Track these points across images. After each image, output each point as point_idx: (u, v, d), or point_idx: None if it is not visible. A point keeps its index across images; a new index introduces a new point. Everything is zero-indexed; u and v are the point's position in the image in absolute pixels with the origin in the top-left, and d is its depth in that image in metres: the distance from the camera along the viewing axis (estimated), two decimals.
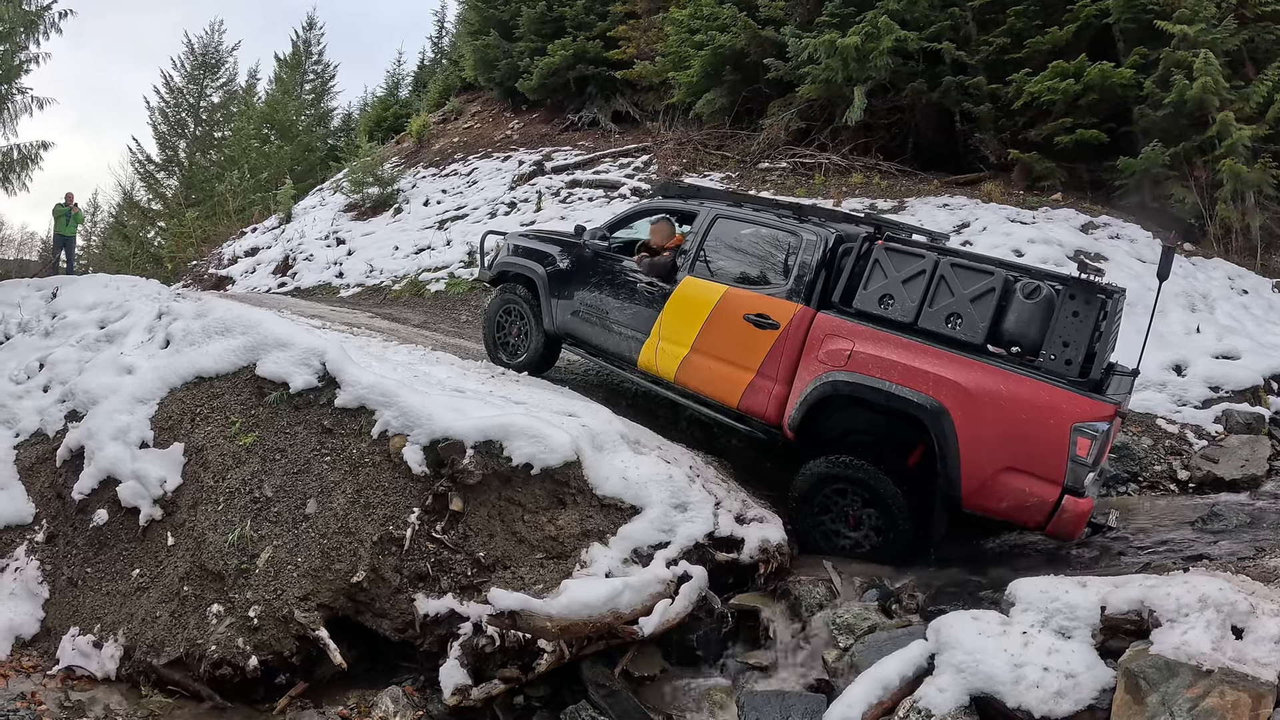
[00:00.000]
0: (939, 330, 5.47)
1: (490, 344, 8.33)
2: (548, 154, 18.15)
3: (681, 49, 16.12)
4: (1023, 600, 4.31)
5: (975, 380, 5.22)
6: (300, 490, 5.60)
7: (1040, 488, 5.06)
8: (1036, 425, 5.05)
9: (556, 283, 7.60)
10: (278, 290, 16.07)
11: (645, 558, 5.18)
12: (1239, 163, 10.59)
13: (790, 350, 5.91)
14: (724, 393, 6.28)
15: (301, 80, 34.55)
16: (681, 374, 6.53)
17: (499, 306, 8.19)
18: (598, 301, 7.23)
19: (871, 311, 5.70)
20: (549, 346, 7.95)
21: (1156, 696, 3.80)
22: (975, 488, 5.23)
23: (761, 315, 6.06)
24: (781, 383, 5.95)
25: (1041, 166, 12.54)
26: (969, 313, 5.41)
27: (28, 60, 14.45)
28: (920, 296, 5.55)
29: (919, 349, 5.44)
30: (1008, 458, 5.14)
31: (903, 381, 5.41)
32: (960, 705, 4.00)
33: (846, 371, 5.62)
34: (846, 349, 5.67)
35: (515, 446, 5.44)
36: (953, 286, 5.49)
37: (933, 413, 5.29)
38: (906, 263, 5.68)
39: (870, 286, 5.75)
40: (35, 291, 9.14)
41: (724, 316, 6.27)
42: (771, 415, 6.02)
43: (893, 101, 13.91)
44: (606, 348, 7.19)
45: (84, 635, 5.58)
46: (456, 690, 4.84)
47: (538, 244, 8.03)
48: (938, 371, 5.32)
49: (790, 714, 4.53)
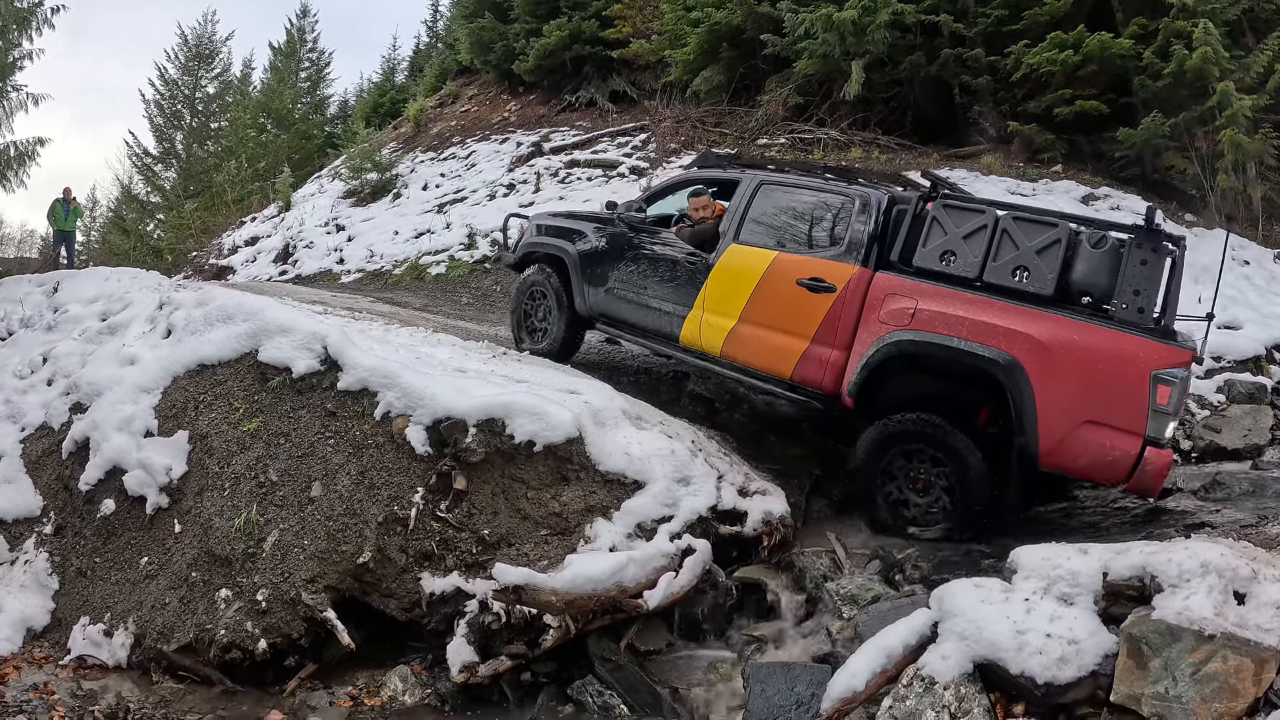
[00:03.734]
0: (1006, 284, 5.32)
1: (516, 329, 8.13)
2: (545, 135, 18.08)
3: (677, 27, 16.02)
4: (1025, 568, 4.33)
5: (1048, 332, 5.08)
6: (305, 473, 5.63)
7: (1121, 440, 4.91)
8: (1115, 375, 4.91)
9: (589, 261, 7.34)
10: (279, 278, 16.07)
11: (649, 532, 5.22)
12: (1239, 133, 10.53)
13: (849, 313, 5.71)
14: (776, 363, 6.06)
15: (297, 68, 34.36)
16: (728, 347, 6.30)
17: (526, 289, 7.98)
18: (634, 277, 6.97)
19: (933, 268, 5.54)
20: (577, 329, 7.75)
21: (1159, 661, 3.82)
22: (1053, 445, 5.05)
23: (816, 279, 5.85)
24: (839, 348, 5.75)
25: (1041, 138, 12.48)
26: (1036, 264, 5.24)
27: (21, 57, 14.35)
28: (983, 251, 5.39)
29: (986, 303, 5.29)
30: (1086, 411, 4.98)
31: (972, 337, 5.24)
32: (964, 672, 4.02)
33: (911, 330, 5.44)
34: (909, 307, 5.49)
35: (518, 424, 5.45)
36: (1016, 240, 5.34)
37: (1006, 367, 5.12)
38: (966, 218, 5.54)
39: (929, 244, 5.58)
40: (37, 287, 9.14)
41: (774, 283, 6.05)
42: (828, 383, 5.82)
43: (891, 75, 13.83)
44: (645, 325, 6.94)
45: (94, 625, 5.62)
46: (464, 668, 4.89)
47: (566, 222, 7.82)
48: (1008, 325, 5.16)
49: (796, 684, 4.56)
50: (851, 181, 6.18)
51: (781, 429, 7.12)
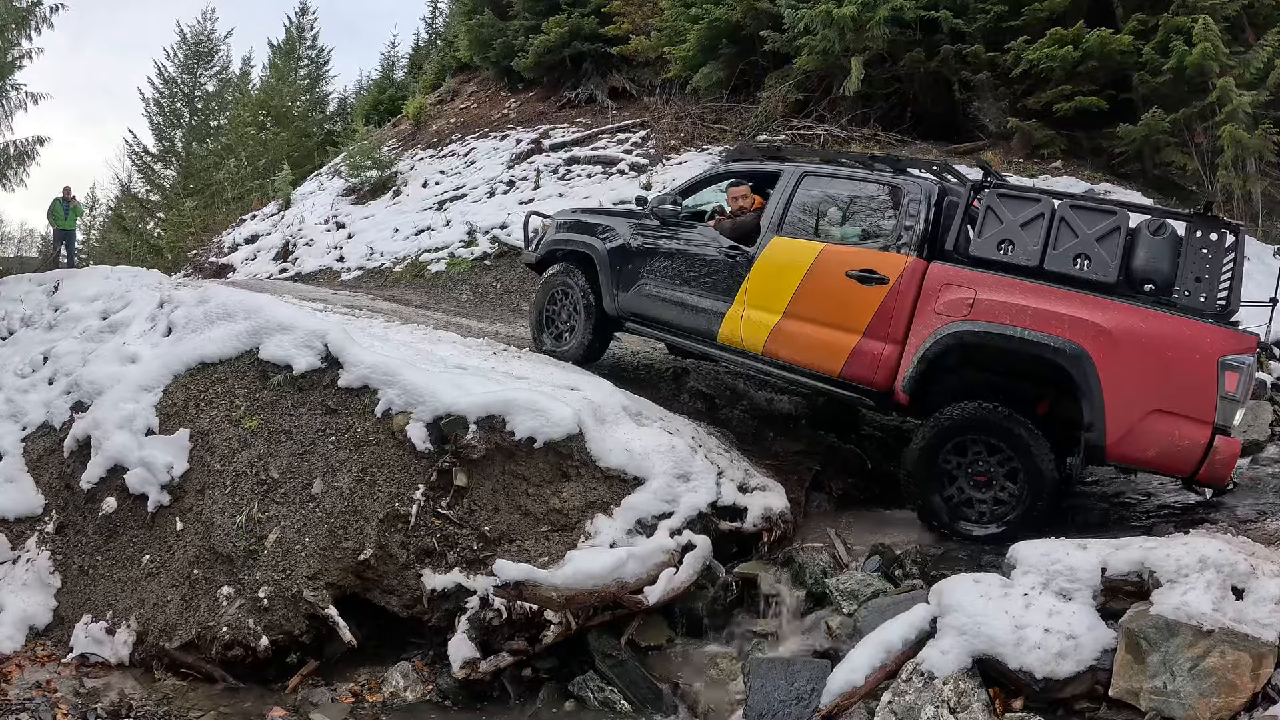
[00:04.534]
0: (1067, 271, 5.20)
1: (537, 332, 7.82)
2: (545, 132, 18.08)
3: (677, 23, 16.01)
4: (1023, 563, 4.34)
5: (1113, 320, 4.96)
6: (306, 471, 5.64)
7: (1190, 429, 4.81)
8: (1182, 362, 4.82)
9: (619, 257, 7.04)
10: (279, 276, 16.09)
11: (649, 528, 5.23)
12: (1239, 129, 10.51)
13: (903, 305, 5.51)
14: (823, 360, 5.83)
15: (296, 66, 34.30)
16: (772, 344, 6.07)
17: (549, 289, 7.65)
18: (669, 273, 6.70)
19: (990, 258, 5.40)
20: (605, 330, 7.45)
21: (1157, 656, 3.83)
22: (1121, 435, 4.93)
23: (867, 270, 5.64)
24: (892, 342, 5.55)
25: (1041, 134, 12.47)
26: (1097, 252, 5.14)
27: (20, 56, 14.35)
28: (1042, 239, 5.26)
29: (1048, 292, 5.15)
30: (1154, 399, 4.87)
31: (1035, 326, 5.09)
32: (963, 667, 4.04)
33: (971, 321, 5.26)
34: (968, 298, 5.31)
35: (518, 421, 5.47)
36: (1075, 228, 5.22)
37: (1073, 357, 4.98)
38: (1022, 207, 5.40)
39: (985, 233, 5.45)
40: (37, 286, 9.13)
41: (822, 276, 5.83)
42: (880, 379, 5.63)
43: (890, 71, 13.81)
44: (679, 323, 6.66)
45: (97, 622, 5.64)
46: (465, 664, 4.91)
47: (592, 218, 7.56)
48: (1072, 313, 5.03)
49: (796, 680, 4.57)
50: (900, 171, 6.06)
51: (781, 425, 7.13)
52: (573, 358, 7.34)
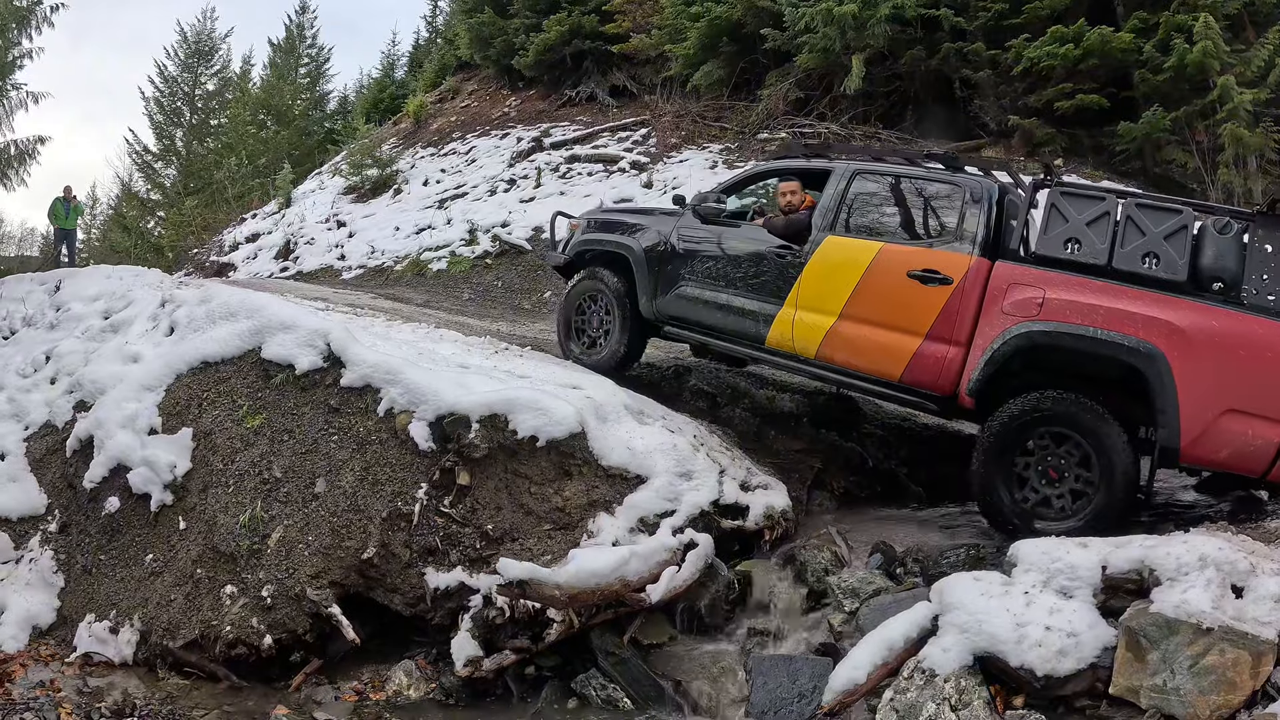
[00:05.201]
0: (1136, 270, 5.10)
1: (565, 338, 7.47)
2: (546, 130, 18.09)
3: (677, 21, 16.02)
4: (1024, 561, 4.36)
5: (1186, 319, 4.88)
6: (309, 470, 5.66)
7: (1264, 429, 4.74)
8: (1255, 361, 4.75)
9: (656, 258, 6.75)
10: (280, 275, 16.09)
11: (651, 526, 5.24)
12: (1240, 127, 10.53)
13: (968, 306, 5.38)
14: (883, 364, 5.67)
15: (296, 64, 34.28)
16: (826, 347, 5.87)
17: (580, 293, 7.30)
18: (712, 274, 6.45)
19: (1057, 256, 5.29)
20: (641, 336, 7.12)
21: (1157, 654, 3.85)
22: (1195, 436, 4.84)
23: (930, 270, 5.49)
24: (957, 344, 5.41)
25: (1042, 132, 12.47)
26: (1165, 250, 5.06)
27: (20, 56, 14.37)
28: (1109, 237, 5.18)
29: (1118, 291, 5.05)
30: (1228, 400, 4.79)
31: (1108, 326, 4.98)
32: (964, 665, 4.06)
33: (1041, 321, 5.14)
34: (1037, 297, 5.19)
35: (520, 420, 5.47)
36: (1141, 226, 5.15)
37: (1147, 356, 4.88)
38: (1087, 205, 5.31)
39: (1050, 231, 5.34)
40: (39, 285, 9.14)
41: (881, 276, 5.67)
42: (944, 383, 5.48)
43: (891, 69, 13.83)
44: (724, 327, 6.41)
45: (100, 622, 5.64)
46: (468, 662, 4.92)
47: (626, 217, 7.32)
48: (1145, 312, 4.94)
49: (798, 677, 4.59)
50: (957, 168, 5.95)
51: (782, 424, 7.14)
52: (606, 366, 7.02)
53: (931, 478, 7.08)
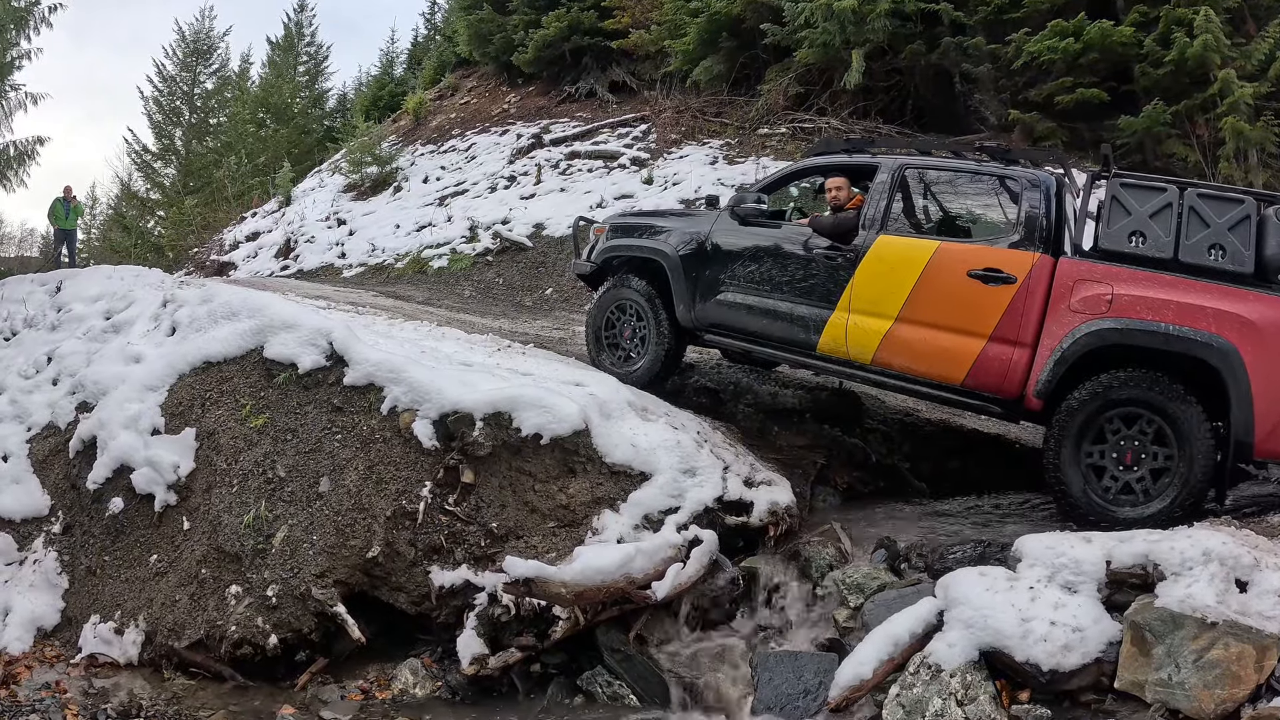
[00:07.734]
0: (1202, 263, 4.98)
1: (595, 352, 7.06)
2: (546, 126, 18.08)
3: (677, 17, 16.02)
4: (1029, 556, 4.37)
5: (1257, 311, 4.78)
6: (313, 469, 5.66)
7: None
8: None
9: (693, 263, 6.41)
10: (280, 273, 16.10)
11: (656, 523, 5.24)
12: (1241, 120, 10.52)
13: (1033, 305, 5.23)
14: (945, 368, 5.48)
15: (295, 63, 34.25)
16: (884, 352, 5.66)
17: (610, 302, 6.91)
18: (756, 277, 6.16)
19: (1122, 250, 5.15)
20: (679, 344, 6.79)
21: (1162, 648, 3.86)
22: (1270, 430, 4.75)
23: (991, 269, 5.33)
24: (1023, 345, 5.26)
25: (1042, 127, 12.46)
26: (1230, 242, 4.95)
27: (19, 56, 14.35)
28: (1174, 229, 5.05)
29: (1187, 284, 4.93)
30: None
31: (1179, 320, 4.87)
32: (969, 660, 4.07)
33: (1111, 318, 5.00)
34: (1106, 294, 5.06)
35: (524, 417, 5.47)
36: (1205, 217, 5.02)
37: (1221, 352, 4.76)
38: (1149, 197, 5.19)
39: (1114, 225, 5.21)
40: (39, 286, 9.12)
41: (940, 276, 5.48)
42: (1010, 386, 5.32)
43: (891, 64, 13.83)
44: (771, 334, 6.13)
45: (105, 623, 5.65)
46: (474, 660, 4.93)
47: (655, 220, 7.02)
48: (1216, 306, 4.83)
49: (803, 673, 4.60)
50: (1010, 162, 5.77)
51: (785, 420, 7.14)
52: (644, 380, 6.66)
53: (935, 473, 7.09)
